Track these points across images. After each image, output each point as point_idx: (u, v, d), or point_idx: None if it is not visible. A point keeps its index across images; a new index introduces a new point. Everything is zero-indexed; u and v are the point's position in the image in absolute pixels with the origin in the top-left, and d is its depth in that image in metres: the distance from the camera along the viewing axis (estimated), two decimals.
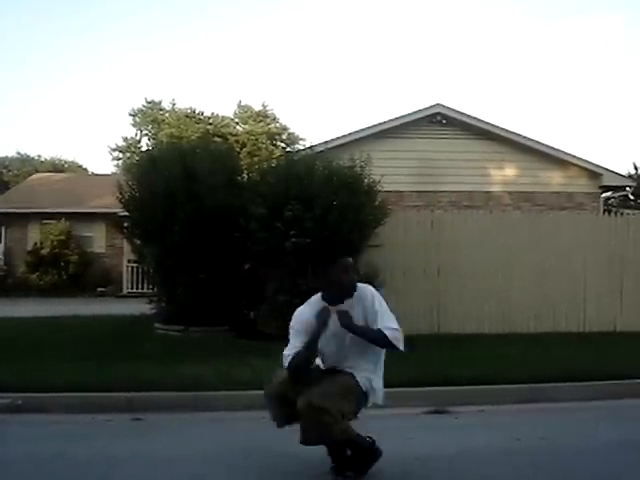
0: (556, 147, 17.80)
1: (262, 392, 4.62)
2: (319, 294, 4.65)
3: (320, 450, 4.55)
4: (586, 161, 17.89)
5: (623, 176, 20.53)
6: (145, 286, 18.64)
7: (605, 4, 73.71)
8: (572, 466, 4.89)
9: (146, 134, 46.19)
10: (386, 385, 7.17)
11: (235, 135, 42.54)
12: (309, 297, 4.67)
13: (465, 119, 17.59)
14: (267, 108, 46.09)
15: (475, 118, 17.63)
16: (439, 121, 17.52)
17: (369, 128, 17.22)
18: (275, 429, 4.53)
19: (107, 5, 72.38)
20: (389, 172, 12.44)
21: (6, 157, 54.10)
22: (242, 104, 46.49)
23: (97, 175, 39.82)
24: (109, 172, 42.31)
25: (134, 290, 22.65)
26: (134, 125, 46.77)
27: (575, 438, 5.74)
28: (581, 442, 5.57)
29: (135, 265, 21.09)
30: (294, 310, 4.74)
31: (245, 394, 6.95)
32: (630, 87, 73.88)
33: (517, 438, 5.68)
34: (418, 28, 78.45)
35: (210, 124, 43.72)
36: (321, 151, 12.58)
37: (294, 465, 4.73)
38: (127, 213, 12.25)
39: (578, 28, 73.05)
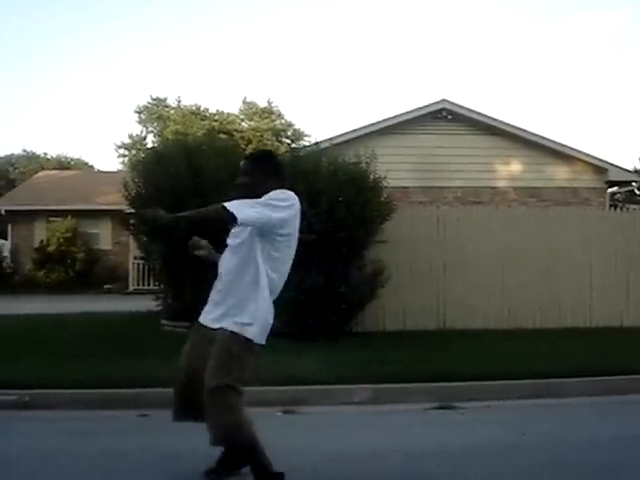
0: (562, 142, 17.77)
1: (266, 388, 4.63)
2: None
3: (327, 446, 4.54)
4: (592, 156, 17.86)
5: (629, 171, 20.52)
6: (151, 283, 18.68)
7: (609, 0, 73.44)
8: (577, 461, 4.89)
9: (151, 131, 46.28)
10: (391, 381, 7.25)
11: (240, 132, 42.55)
12: (314, 293, 4.64)
13: (470, 115, 17.56)
14: (272, 104, 46.13)
15: (480, 113, 17.61)
16: (444, 117, 17.50)
17: (374, 124, 17.20)
18: (286, 424, 4.55)
19: (112, 2, 72.44)
20: (394, 168, 12.45)
21: (12, 155, 54.19)
22: (247, 101, 46.52)
23: (103, 172, 39.88)
24: (115, 169, 42.42)
25: (140, 287, 22.69)
26: (139, 122, 46.87)
27: (580, 433, 5.74)
28: (586, 437, 5.56)
29: (141, 262, 21.12)
30: (299, 306, 4.72)
31: (250, 390, 6.95)
32: (635, 82, 73.67)
33: (522, 433, 5.69)
34: (423, 24, 78.38)
35: (215, 121, 43.76)
36: (326, 147, 12.58)
37: (301, 460, 4.74)
38: (133, 210, 12.27)
39: (582, 23, 72.90)
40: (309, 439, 5.33)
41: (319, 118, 75.28)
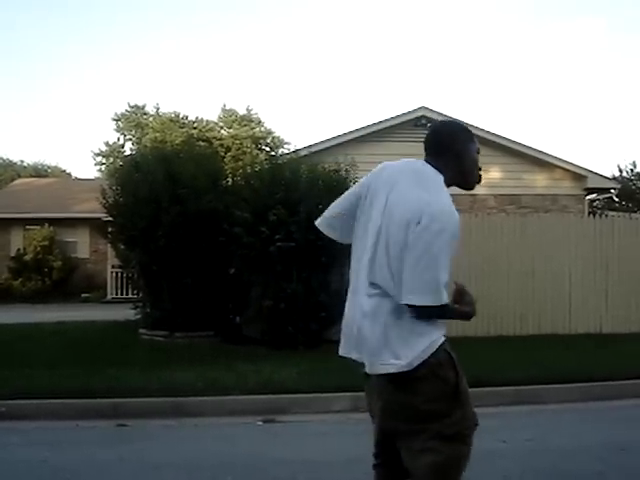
0: (541, 150, 17.84)
1: (246, 397, 4.57)
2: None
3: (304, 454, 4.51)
4: (571, 163, 17.95)
5: (608, 178, 20.64)
6: (130, 291, 18.53)
7: (588, 8, 74.20)
8: (558, 468, 4.89)
9: (130, 139, 45.99)
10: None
11: (220, 139, 42.39)
12: (294, 302, 4.43)
13: None
14: (251, 112, 46.00)
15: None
16: (423, 124, 17.49)
17: (353, 132, 17.19)
18: (266, 433, 4.51)
19: (90, 10, 72.10)
20: None
21: None
22: (226, 108, 46.36)
23: (80, 180, 39.62)
24: (93, 177, 42.11)
25: (119, 296, 22.52)
26: (117, 130, 46.57)
27: (561, 440, 5.75)
28: (567, 444, 5.57)
29: (119, 270, 20.98)
30: (279, 314, 4.58)
31: (230, 399, 6.93)
32: (614, 89, 74.44)
33: (503, 440, 5.68)
34: (402, 31, 78.75)
35: (194, 128, 43.58)
36: (305, 155, 12.58)
37: (281, 470, 4.70)
38: (111, 218, 12.20)
39: (562, 31, 73.60)
40: (289, 448, 5.30)
41: (298, 126, 75.39)
